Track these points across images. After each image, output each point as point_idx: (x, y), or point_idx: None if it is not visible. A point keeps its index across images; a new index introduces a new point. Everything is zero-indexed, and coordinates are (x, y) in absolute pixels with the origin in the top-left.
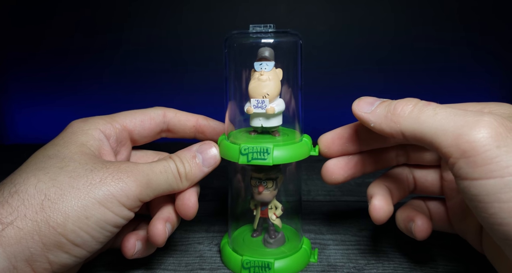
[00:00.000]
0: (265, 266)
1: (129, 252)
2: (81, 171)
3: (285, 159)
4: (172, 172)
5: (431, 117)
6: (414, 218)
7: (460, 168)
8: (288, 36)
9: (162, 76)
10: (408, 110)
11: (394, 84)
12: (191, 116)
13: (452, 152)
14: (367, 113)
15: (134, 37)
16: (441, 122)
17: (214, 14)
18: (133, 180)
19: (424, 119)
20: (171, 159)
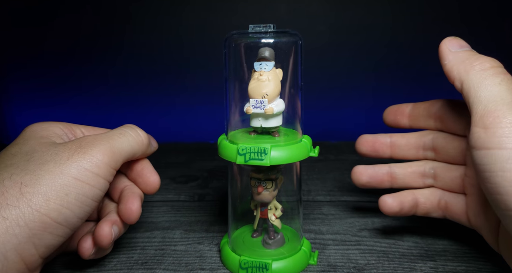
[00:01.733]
0: (262, 267)
1: (87, 253)
2: (47, 157)
3: (283, 160)
4: (130, 134)
5: (491, 85)
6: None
7: (479, 138)
8: (288, 36)
9: (163, 76)
10: (483, 68)
11: (394, 84)
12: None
13: (480, 121)
14: (451, 51)
15: (136, 38)
16: (495, 92)
17: (214, 14)
18: (97, 151)
19: (486, 83)
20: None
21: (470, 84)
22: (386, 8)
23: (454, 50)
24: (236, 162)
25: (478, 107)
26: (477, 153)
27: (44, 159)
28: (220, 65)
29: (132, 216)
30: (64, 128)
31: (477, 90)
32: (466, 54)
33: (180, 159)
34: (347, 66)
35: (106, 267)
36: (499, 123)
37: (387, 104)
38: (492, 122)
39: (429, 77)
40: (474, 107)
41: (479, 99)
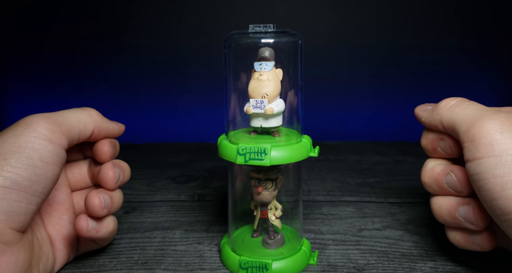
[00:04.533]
0: (262, 266)
1: (83, 229)
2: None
3: (283, 160)
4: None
5: (462, 110)
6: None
7: (469, 150)
8: (288, 36)
9: (162, 76)
10: (450, 104)
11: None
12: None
13: (465, 137)
14: (422, 112)
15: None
16: (467, 113)
17: (214, 14)
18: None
19: (457, 111)
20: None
21: (447, 118)
22: (386, 8)
23: (423, 109)
24: (236, 162)
25: (460, 128)
26: (470, 165)
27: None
28: (220, 65)
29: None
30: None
31: (453, 119)
32: (432, 106)
33: (180, 159)
34: (347, 66)
35: (106, 267)
36: (482, 133)
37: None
38: (476, 134)
39: (429, 77)
40: (456, 129)
41: (458, 122)
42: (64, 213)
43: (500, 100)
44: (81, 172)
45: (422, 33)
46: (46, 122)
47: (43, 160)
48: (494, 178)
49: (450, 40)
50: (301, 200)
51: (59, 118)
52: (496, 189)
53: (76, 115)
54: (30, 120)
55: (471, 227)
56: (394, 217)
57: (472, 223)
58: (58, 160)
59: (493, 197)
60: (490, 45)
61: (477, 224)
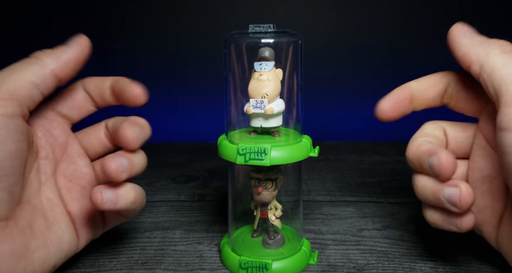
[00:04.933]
0: (262, 266)
1: (98, 201)
2: None
3: (283, 160)
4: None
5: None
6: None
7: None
8: (288, 36)
9: (162, 76)
10: (505, 50)
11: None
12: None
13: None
14: (465, 36)
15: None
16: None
17: (214, 14)
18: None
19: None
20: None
21: (494, 66)
22: (386, 8)
23: (467, 35)
24: (236, 162)
25: (507, 87)
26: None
27: None
28: (220, 65)
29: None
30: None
31: (502, 71)
32: (481, 39)
33: (180, 159)
34: (347, 66)
35: (106, 267)
36: None
37: None
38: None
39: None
40: (503, 87)
41: (508, 78)
42: (85, 187)
43: None
44: (98, 136)
45: (422, 33)
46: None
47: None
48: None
49: None
50: (301, 200)
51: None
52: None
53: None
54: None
55: (453, 209)
56: (394, 217)
57: (455, 205)
58: (10, 134)
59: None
60: None
61: (460, 207)
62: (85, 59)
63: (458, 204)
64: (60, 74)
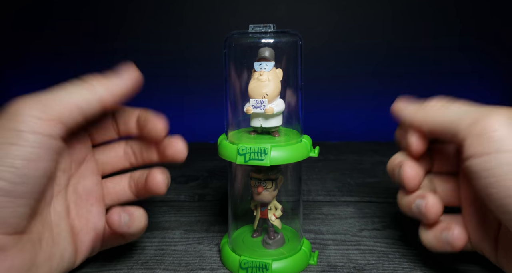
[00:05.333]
0: (262, 266)
1: (116, 224)
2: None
3: (283, 160)
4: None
5: (458, 108)
6: (450, 226)
7: (474, 146)
8: (288, 36)
9: (162, 76)
10: (440, 103)
11: (393, 84)
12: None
13: (468, 133)
14: (403, 110)
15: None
16: (465, 110)
17: (214, 14)
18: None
19: (452, 109)
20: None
21: (440, 117)
22: (386, 8)
23: (404, 107)
24: (236, 162)
25: (461, 123)
26: (478, 161)
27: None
28: (220, 65)
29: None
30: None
31: (449, 117)
32: (416, 105)
33: None
34: (347, 66)
35: (106, 267)
36: (492, 126)
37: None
38: (482, 128)
39: (429, 78)
40: (454, 126)
41: (456, 119)
42: (93, 203)
43: (500, 100)
44: (117, 155)
45: (421, 33)
46: (35, 110)
47: (27, 158)
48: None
49: (449, 40)
50: (301, 200)
51: (52, 101)
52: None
53: (73, 92)
54: (17, 108)
55: (423, 220)
56: (394, 217)
57: (423, 216)
58: (48, 153)
59: (509, 194)
60: (490, 45)
61: (428, 217)
62: (133, 92)
63: (425, 213)
64: (107, 103)
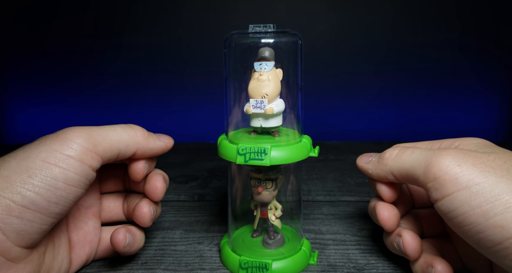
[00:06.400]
0: (262, 266)
1: (121, 244)
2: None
3: (283, 160)
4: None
5: (409, 156)
6: (433, 263)
7: (435, 190)
8: (288, 36)
9: (162, 76)
10: (394, 153)
11: (394, 84)
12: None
13: (426, 178)
14: (366, 164)
15: (135, 38)
16: (416, 158)
17: (214, 14)
18: (73, 134)
19: (405, 158)
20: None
21: (397, 167)
22: (386, 7)
23: (367, 161)
24: (236, 162)
25: (416, 171)
26: (441, 204)
27: (21, 149)
28: (220, 65)
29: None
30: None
31: (404, 165)
32: (376, 157)
33: (180, 159)
34: (347, 66)
35: (106, 267)
36: (442, 170)
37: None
38: (436, 172)
39: (429, 77)
40: (412, 174)
41: (411, 167)
42: (90, 218)
43: (500, 100)
44: (116, 175)
45: (421, 33)
46: (84, 140)
47: (68, 182)
48: (473, 210)
49: (450, 39)
50: (301, 200)
51: (100, 136)
52: (479, 220)
53: (120, 134)
54: (69, 135)
55: (406, 257)
56: None
57: (404, 254)
58: (85, 182)
59: (478, 229)
60: (490, 44)
61: (407, 255)
62: (160, 154)
63: (404, 251)
64: (139, 155)
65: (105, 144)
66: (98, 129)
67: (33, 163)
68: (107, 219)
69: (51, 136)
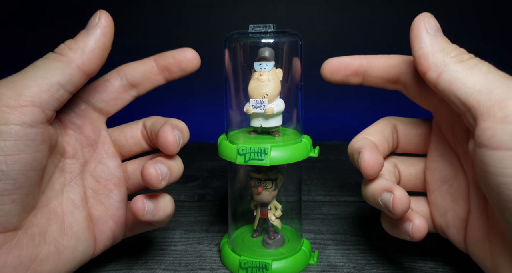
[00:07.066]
0: (262, 267)
1: (140, 212)
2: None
3: (283, 160)
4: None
5: (480, 75)
6: (411, 217)
7: (495, 135)
8: (288, 36)
9: None
10: (462, 59)
11: None
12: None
13: (491, 114)
14: (428, 34)
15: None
16: (488, 81)
17: (214, 14)
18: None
19: (474, 73)
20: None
21: (454, 75)
22: (387, 7)
23: (431, 32)
24: (236, 162)
25: (481, 97)
26: (493, 154)
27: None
28: (220, 65)
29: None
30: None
31: (465, 81)
32: (444, 41)
33: None
34: None
35: (106, 267)
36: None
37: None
38: (509, 115)
39: None
40: (470, 99)
41: (472, 89)
42: (112, 189)
43: None
44: (134, 135)
45: None
46: (4, 97)
47: (1, 153)
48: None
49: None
50: (301, 200)
51: (22, 84)
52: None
53: (46, 69)
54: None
55: (389, 214)
56: None
57: (390, 211)
58: (28, 144)
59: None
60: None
61: (394, 213)
62: (111, 42)
63: (391, 210)
64: (88, 68)
65: (34, 90)
66: (18, 76)
67: None
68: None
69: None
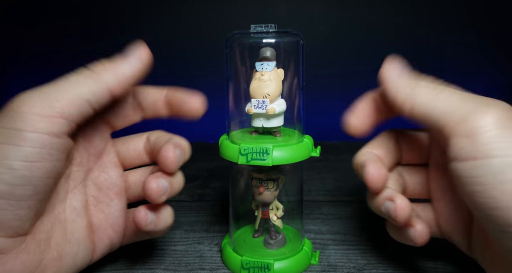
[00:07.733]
0: (264, 267)
1: (142, 222)
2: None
3: (285, 160)
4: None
5: (447, 97)
6: (413, 223)
7: (461, 148)
8: (289, 36)
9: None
10: (431, 86)
11: None
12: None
13: (455, 131)
14: (393, 74)
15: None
16: (454, 102)
17: (215, 14)
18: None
19: (442, 96)
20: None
21: (424, 101)
22: (387, 7)
23: (396, 72)
24: (238, 162)
25: (447, 117)
26: (463, 165)
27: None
28: (221, 65)
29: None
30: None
31: (435, 104)
32: (409, 77)
33: None
34: (348, 66)
35: (106, 267)
36: (482, 128)
37: None
38: (472, 128)
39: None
40: (441, 119)
41: (442, 110)
42: (113, 198)
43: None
44: (137, 148)
45: (422, 32)
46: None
47: (27, 159)
48: (501, 184)
49: (450, 39)
50: (303, 200)
51: (53, 95)
52: (504, 197)
53: (77, 84)
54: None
55: (393, 222)
56: None
57: (392, 219)
58: (52, 153)
59: (498, 206)
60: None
61: (397, 221)
62: (145, 74)
63: (394, 217)
64: (116, 91)
65: (63, 103)
66: (50, 88)
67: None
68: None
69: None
